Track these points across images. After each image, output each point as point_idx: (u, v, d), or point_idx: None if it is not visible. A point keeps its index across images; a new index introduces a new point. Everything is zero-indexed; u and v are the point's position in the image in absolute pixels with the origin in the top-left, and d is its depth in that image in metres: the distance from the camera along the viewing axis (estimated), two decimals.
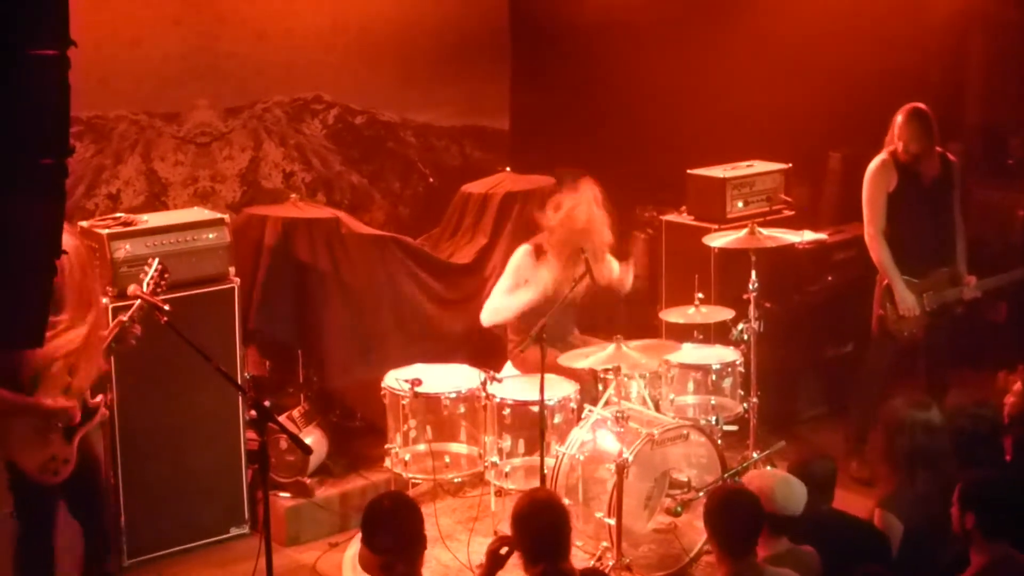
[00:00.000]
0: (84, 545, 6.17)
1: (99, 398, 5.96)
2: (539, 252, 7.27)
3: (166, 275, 6.06)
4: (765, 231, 7.26)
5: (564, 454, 6.49)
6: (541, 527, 4.88)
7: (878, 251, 7.43)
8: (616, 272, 7.47)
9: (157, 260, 6.14)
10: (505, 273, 7.40)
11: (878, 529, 5.44)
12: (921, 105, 7.35)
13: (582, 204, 7.16)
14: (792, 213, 8.28)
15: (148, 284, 5.97)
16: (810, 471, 5.41)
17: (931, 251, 7.51)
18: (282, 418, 6.68)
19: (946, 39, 9.12)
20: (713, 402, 7.14)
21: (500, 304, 7.31)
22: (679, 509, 6.45)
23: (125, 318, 5.91)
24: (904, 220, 7.43)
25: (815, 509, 5.25)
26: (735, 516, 4.92)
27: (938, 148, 7.46)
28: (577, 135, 9.40)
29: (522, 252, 7.34)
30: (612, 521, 6.26)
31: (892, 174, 7.39)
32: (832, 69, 8.94)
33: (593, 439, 6.52)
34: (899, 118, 7.34)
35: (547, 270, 7.16)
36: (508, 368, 7.25)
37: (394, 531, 4.68)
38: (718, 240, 7.38)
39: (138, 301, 5.91)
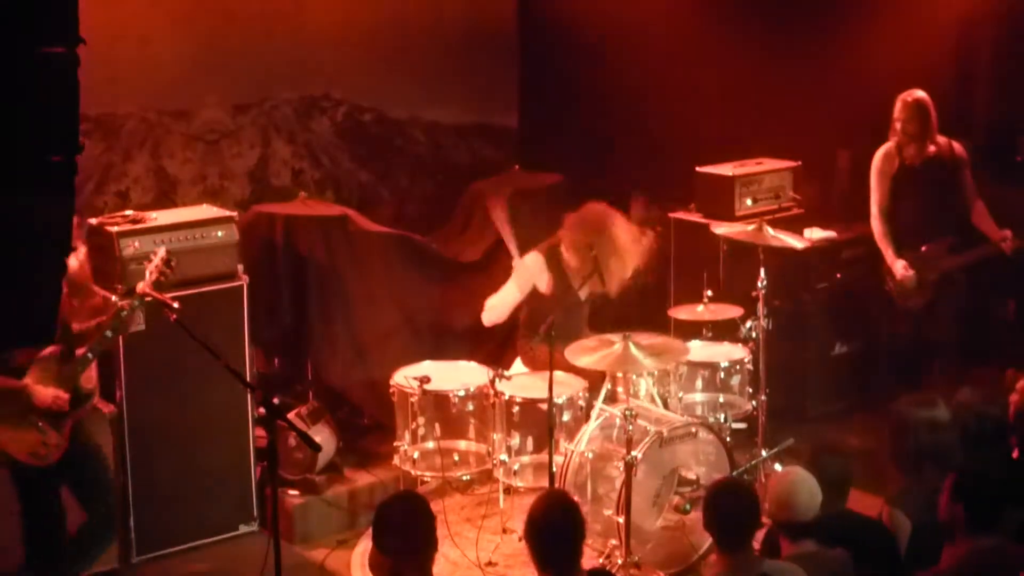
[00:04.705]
0: (84, 529, 6.15)
1: (92, 383, 5.93)
2: (551, 256, 7.22)
3: (171, 264, 5.96)
4: (773, 230, 7.25)
5: (573, 452, 6.48)
6: (554, 533, 4.75)
7: (875, 227, 7.85)
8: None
9: (163, 248, 6.07)
10: (512, 278, 7.32)
11: (886, 527, 5.42)
12: (920, 93, 7.70)
13: (603, 209, 7.19)
14: (801, 211, 8.29)
15: (151, 273, 5.90)
16: (826, 470, 5.39)
17: (928, 226, 7.81)
18: (291, 415, 6.70)
19: (955, 37, 9.09)
20: (722, 400, 7.14)
21: (491, 302, 7.28)
22: (688, 507, 6.44)
23: (123, 308, 5.84)
24: (903, 199, 7.80)
25: (830, 508, 5.23)
26: (728, 509, 4.89)
27: (943, 137, 7.74)
28: (585, 132, 9.39)
29: (531, 257, 7.27)
30: (621, 519, 6.27)
31: (894, 159, 7.81)
32: (841, 67, 8.92)
33: (601, 437, 6.52)
34: (898, 104, 7.77)
35: (552, 272, 7.15)
36: (518, 365, 7.24)
37: (404, 534, 4.59)
38: (725, 228, 7.40)
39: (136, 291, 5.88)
